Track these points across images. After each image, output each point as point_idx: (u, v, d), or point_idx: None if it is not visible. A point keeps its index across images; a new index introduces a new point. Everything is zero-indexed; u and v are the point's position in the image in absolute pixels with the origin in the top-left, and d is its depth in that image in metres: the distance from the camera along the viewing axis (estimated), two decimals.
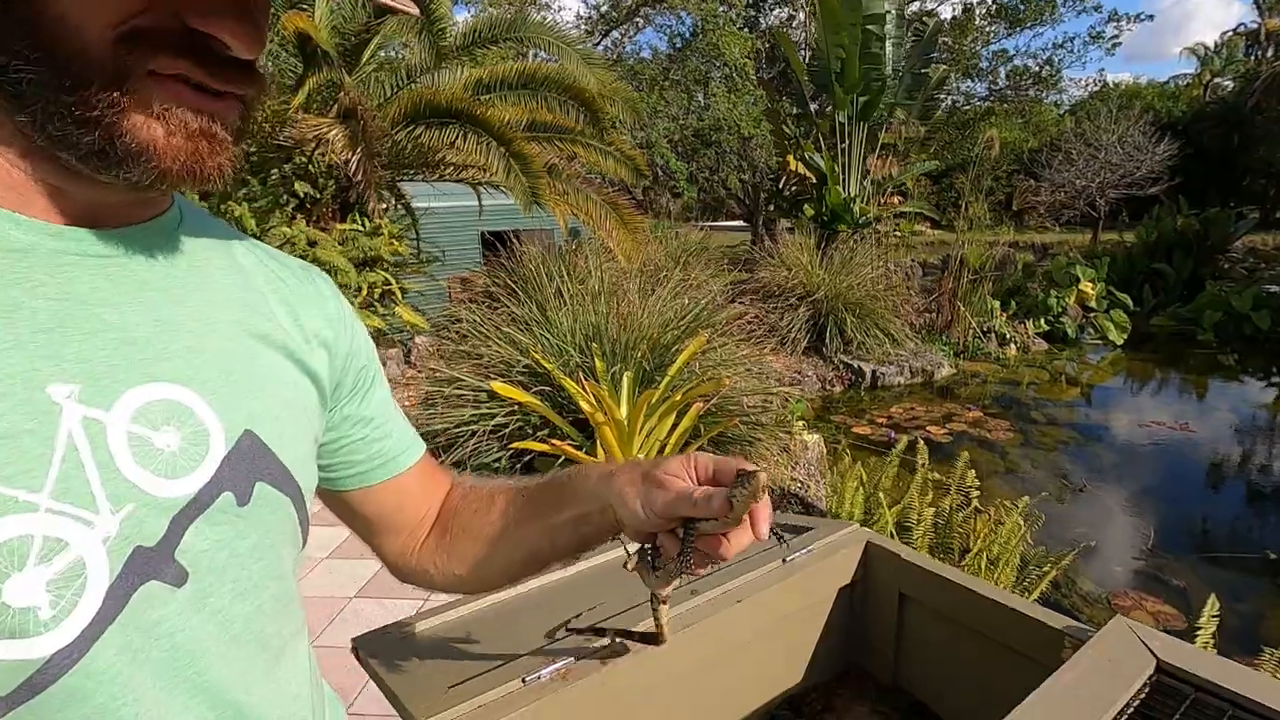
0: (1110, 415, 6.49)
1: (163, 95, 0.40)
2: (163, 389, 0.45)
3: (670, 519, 0.54)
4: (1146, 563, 3.78)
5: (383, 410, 0.65)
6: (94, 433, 0.42)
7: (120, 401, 0.43)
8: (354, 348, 0.61)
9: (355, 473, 0.63)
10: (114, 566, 0.42)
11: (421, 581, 0.71)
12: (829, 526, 1.09)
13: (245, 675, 0.50)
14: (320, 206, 5.95)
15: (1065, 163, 16.59)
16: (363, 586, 2.86)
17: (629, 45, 15.06)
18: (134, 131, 0.40)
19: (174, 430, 0.45)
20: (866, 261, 7.84)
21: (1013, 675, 0.91)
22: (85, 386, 0.42)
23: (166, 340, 0.47)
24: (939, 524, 2.87)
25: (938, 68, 10.87)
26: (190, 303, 0.49)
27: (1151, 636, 0.78)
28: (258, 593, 0.50)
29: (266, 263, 0.57)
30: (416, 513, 0.69)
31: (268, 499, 0.50)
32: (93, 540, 0.41)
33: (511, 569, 0.67)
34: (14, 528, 0.38)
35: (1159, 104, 24.03)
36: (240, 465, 0.48)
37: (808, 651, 1.06)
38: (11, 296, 0.41)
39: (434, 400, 3.81)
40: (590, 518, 0.61)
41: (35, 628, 0.39)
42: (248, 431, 0.49)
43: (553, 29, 6.77)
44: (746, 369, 4.26)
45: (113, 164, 0.41)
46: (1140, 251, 11.11)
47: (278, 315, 0.55)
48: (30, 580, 0.39)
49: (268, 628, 0.51)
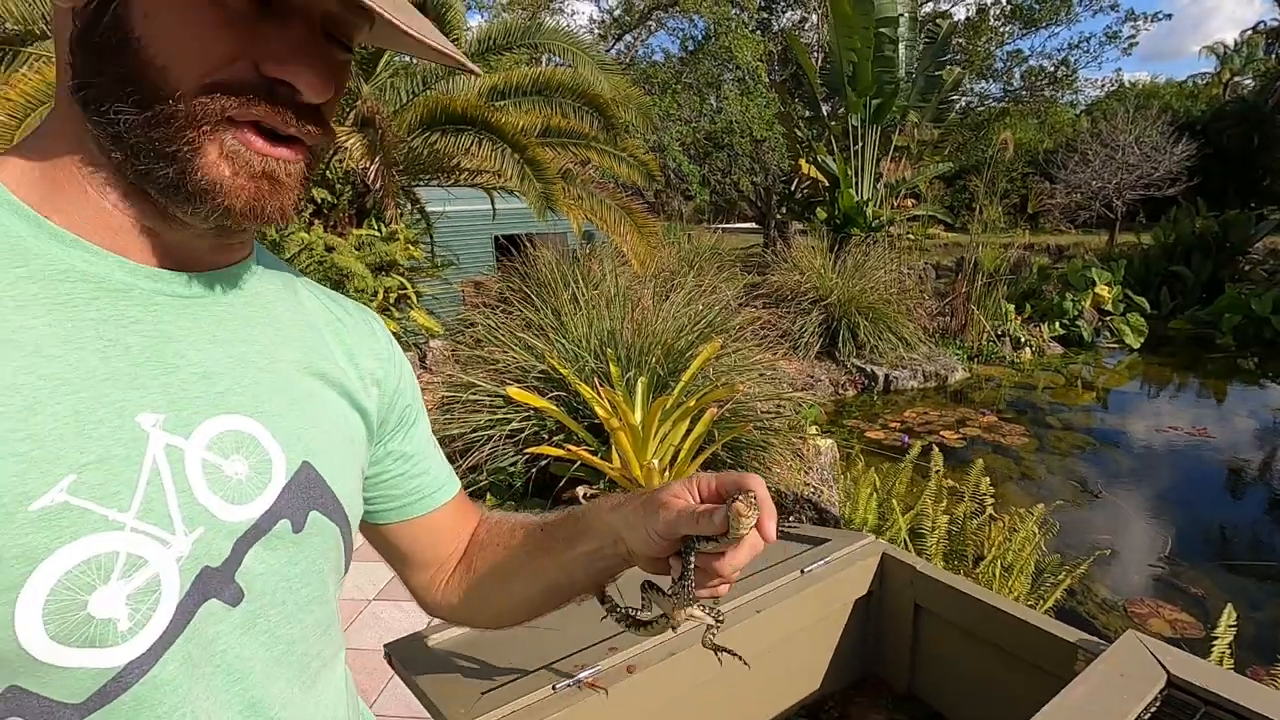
0: (1127, 420, 6.44)
1: (233, 138, 0.44)
2: (234, 420, 0.49)
3: (673, 539, 0.55)
4: (1164, 570, 3.76)
5: (423, 447, 0.68)
6: (174, 459, 0.45)
7: (198, 431, 0.47)
8: (401, 386, 0.64)
9: (393, 507, 0.66)
10: (184, 584, 0.45)
11: (447, 615, 0.73)
12: (845, 538, 1.11)
13: (284, 694, 0.52)
14: (337, 212, 6.03)
15: (1081, 164, 16.44)
16: (381, 589, 2.91)
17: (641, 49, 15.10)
18: (204, 169, 0.44)
19: (242, 459, 0.49)
20: (879, 265, 7.82)
21: (1026, 687, 0.93)
22: (169, 416, 0.46)
23: (238, 375, 0.50)
24: (953, 531, 2.87)
25: (951, 70, 10.81)
26: (260, 341, 0.53)
27: (1163, 650, 0.80)
28: (302, 616, 0.53)
29: (326, 304, 0.61)
30: (446, 549, 0.71)
31: (320, 527, 0.54)
32: (168, 559, 0.44)
33: (531, 603, 0.68)
34: (103, 544, 0.41)
35: (1177, 103, 23.75)
36: (297, 494, 0.52)
37: (824, 660, 1.08)
38: (111, 333, 0.45)
39: (450, 405, 3.86)
40: (603, 551, 0.62)
41: (114, 638, 0.42)
42: (305, 463, 0.53)
43: (567, 35, 6.81)
44: (760, 374, 4.28)
45: (185, 199, 0.44)
46: (1158, 254, 10.99)
47: (335, 354, 0.59)
48: (113, 593, 0.42)
49: (309, 650, 0.54)
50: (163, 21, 0.42)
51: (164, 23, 0.42)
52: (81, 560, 0.41)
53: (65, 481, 0.41)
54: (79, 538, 0.41)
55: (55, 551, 0.40)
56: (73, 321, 0.43)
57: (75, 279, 0.44)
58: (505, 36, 6.40)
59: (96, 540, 0.41)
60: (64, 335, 0.43)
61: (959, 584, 0.99)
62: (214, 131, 0.43)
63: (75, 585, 0.40)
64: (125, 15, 0.42)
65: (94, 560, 0.41)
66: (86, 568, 0.41)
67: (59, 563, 0.40)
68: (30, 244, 0.44)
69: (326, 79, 0.45)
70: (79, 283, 0.44)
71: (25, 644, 0.39)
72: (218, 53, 0.42)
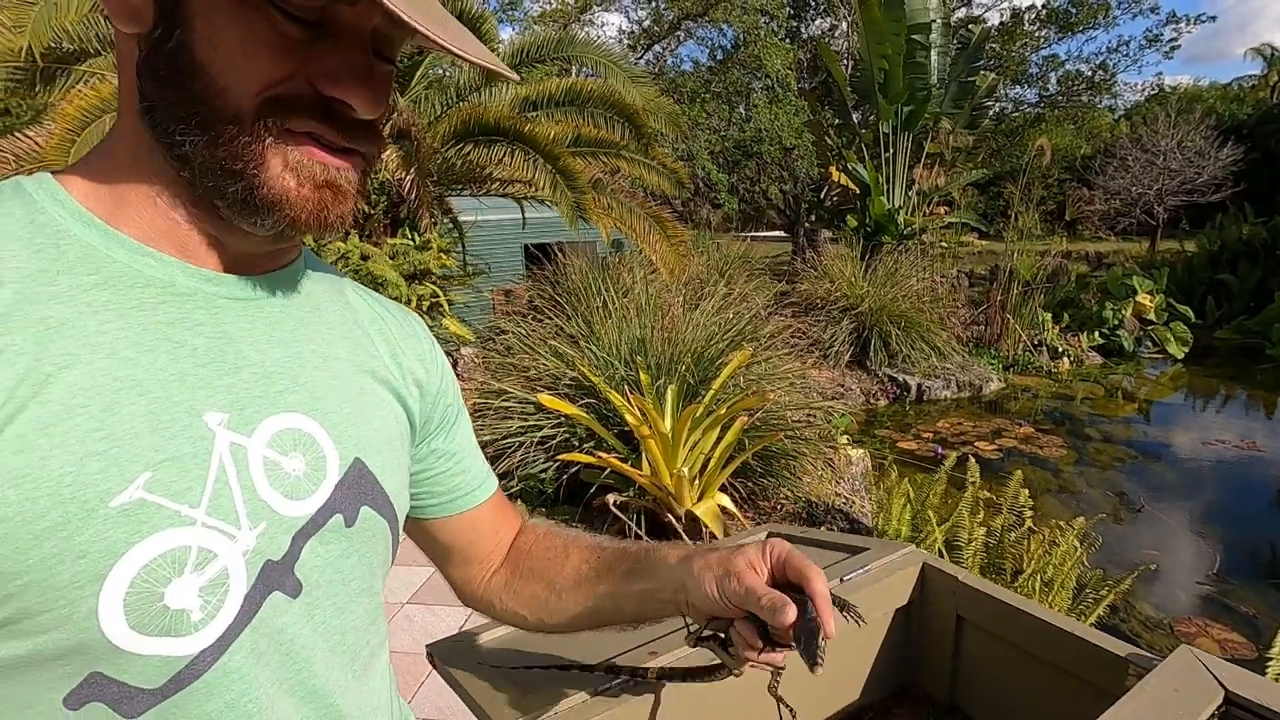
0: (1170, 432, 6.24)
1: (295, 150, 0.46)
2: (292, 419, 0.51)
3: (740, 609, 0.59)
4: (1212, 588, 3.63)
5: (464, 446, 0.70)
6: (238, 457, 0.47)
7: (259, 429, 0.49)
8: (443, 386, 0.66)
9: (436, 503, 0.68)
10: (250, 576, 0.47)
11: (485, 611, 0.75)
12: (884, 547, 1.10)
13: (340, 681, 0.54)
14: (373, 222, 6.16)
15: (1120, 169, 16.06)
16: (415, 593, 2.95)
17: (670, 59, 15.17)
18: (270, 182, 0.46)
19: (300, 456, 0.51)
20: (912, 273, 7.72)
21: (1074, 701, 0.91)
22: (232, 415, 0.48)
23: (295, 373, 0.52)
24: (990, 544, 2.81)
25: (985, 76, 10.67)
26: (313, 340, 0.55)
27: (1219, 666, 0.78)
28: (353, 607, 0.55)
29: (371, 305, 0.63)
30: (486, 546, 0.73)
31: (371, 522, 0.55)
32: (235, 552, 0.46)
33: (574, 621, 0.71)
34: (177, 539, 0.44)
35: (1221, 107, 23.07)
36: (350, 490, 0.54)
37: (864, 671, 1.07)
38: (179, 335, 0.47)
39: (482, 412, 3.91)
40: (661, 594, 0.64)
41: (187, 628, 0.44)
42: (357, 459, 0.54)
43: (598, 46, 6.89)
44: (790, 383, 4.25)
45: (253, 212, 0.46)
46: (1202, 261, 10.67)
47: (381, 353, 0.61)
48: (187, 586, 0.44)
49: (359, 640, 0.56)
50: (224, 47, 0.44)
51: (225, 48, 0.44)
52: (158, 554, 0.43)
53: (142, 479, 0.43)
54: (156, 532, 0.43)
55: (134, 546, 0.42)
56: (143, 325, 0.46)
57: (143, 284, 0.47)
58: (538, 49, 6.49)
59: (172, 535, 0.43)
60: (135, 338, 0.45)
61: (1003, 595, 0.97)
62: (276, 145, 0.45)
63: (152, 578, 0.43)
64: (189, 41, 0.44)
65: (169, 554, 0.43)
66: (163, 561, 0.43)
67: (138, 556, 0.42)
68: (101, 253, 0.46)
69: (379, 96, 0.47)
70: (147, 288, 0.47)
71: (108, 633, 0.42)
72: (276, 73, 0.44)
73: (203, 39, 0.44)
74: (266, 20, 0.43)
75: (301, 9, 0.44)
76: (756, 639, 0.58)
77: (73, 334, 0.43)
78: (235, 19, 0.43)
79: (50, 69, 4.50)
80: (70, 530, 0.40)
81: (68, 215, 0.46)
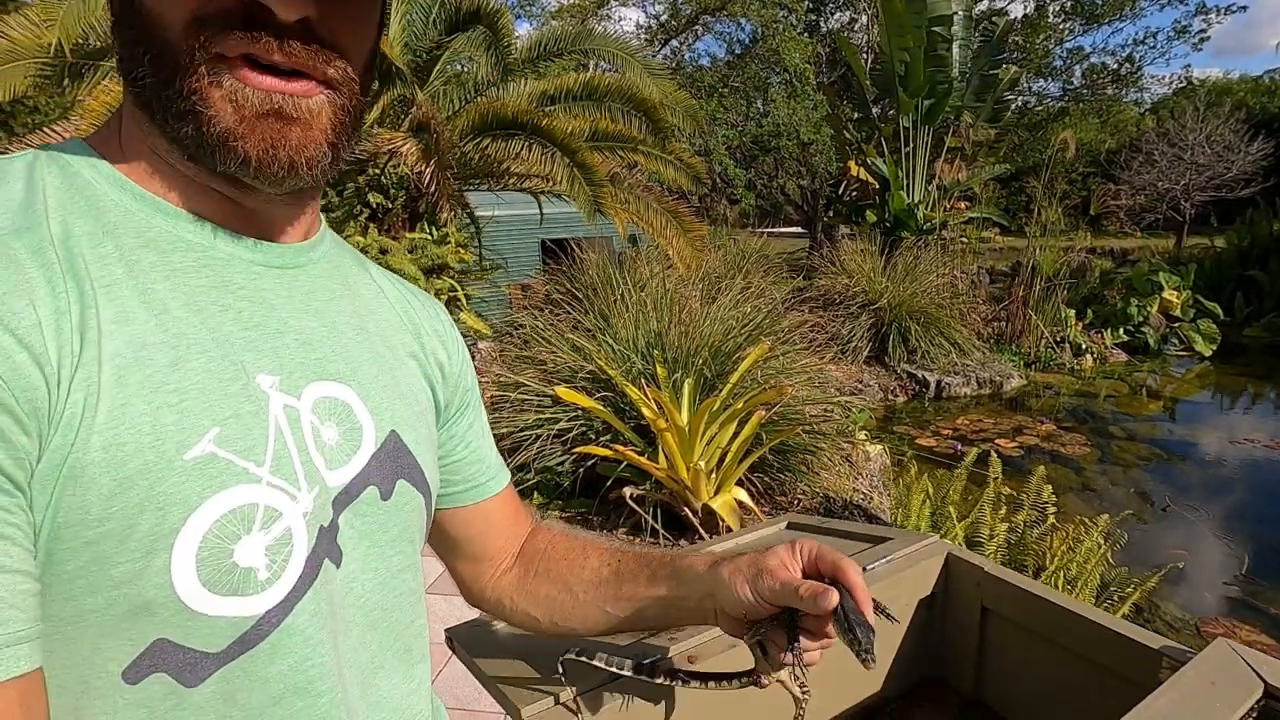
0: (1197, 431, 6.12)
1: (229, 78, 0.42)
2: (332, 387, 0.50)
3: (775, 606, 0.57)
4: (1240, 589, 3.55)
5: (479, 436, 0.69)
6: (292, 418, 0.47)
7: (305, 394, 0.48)
8: (463, 371, 0.66)
9: (450, 493, 0.67)
10: (310, 538, 0.46)
11: (494, 611, 0.73)
12: (907, 538, 1.09)
13: (376, 659, 0.53)
14: (391, 216, 6.20)
15: (1146, 164, 15.74)
16: (433, 582, 2.96)
17: (688, 53, 15.11)
18: (215, 117, 0.43)
19: (334, 425, 0.50)
20: (931, 268, 7.63)
21: (1105, 695, 0.89)
22: (282, 378, 0.47)
23: (333, 344, 0.52)
24: (1012, 540, 2.77)
25: (1008, 69, 10.50)
26: (346, 312, 0.54)
27: (1259, 660, 0.76)
28: (396, 584, 0.54)
29: (396, 285, 0.63)
30: (496, 542, 0.71)
31: (408, 496, 0.55)
32: (296, 513, 0.45)
33: (588, 625, 0.69)
34: (246, 495, 0.43)
35: (1252, 100, 22.54)
36: (386, 462, 0.53)
37: (885, 661, 1.05)
38: (224, 299, 0.47)
39: (499, 405, 3.92)
40: (686, 601, 0.63)
41: (254, 587, 0.43)
42: (393, 432, 0.54)
43: (615, 40, 6.88)
44: (808, 378, 4.22)
45: (209, 154, 0.44)
46: (1231, 257, 10.42)
47: (408, 331, 0.60)
48: (255, 543, 0.43)
49: (402, 618, 0.55)
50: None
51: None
52: (228, 510, 0.42)
53: (212, 433, 0.42)
54: (226, 488, 0.42)
55: (207, 501, 0.41)
56: (189, 287, 0.45)
57: (184, 249, 0.46)
58: (555, 43, 6.49)
59: (241, 491, 0.43)
60: (185, 300, 0.44)
61: (1030, 586, 0.95)
62: (212, 75, 0.42)
63: (223, 534, 0.42)
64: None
65: (239, 510, 0.42)
66: (233, 517, 0.42)
67: (210, 511, 0.41)
68: (141, 217, 0.45)
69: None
70: (188, 252, 0.46)
71: (180, 590, 0.40)
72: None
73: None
74: None
75: None
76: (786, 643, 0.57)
77: (126, 291, 0.42)
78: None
79: (79, 65, 4.57)
80: (151, 480, 0.39)
81: (104, 179, 0.45)
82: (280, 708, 0.46)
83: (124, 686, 0.41)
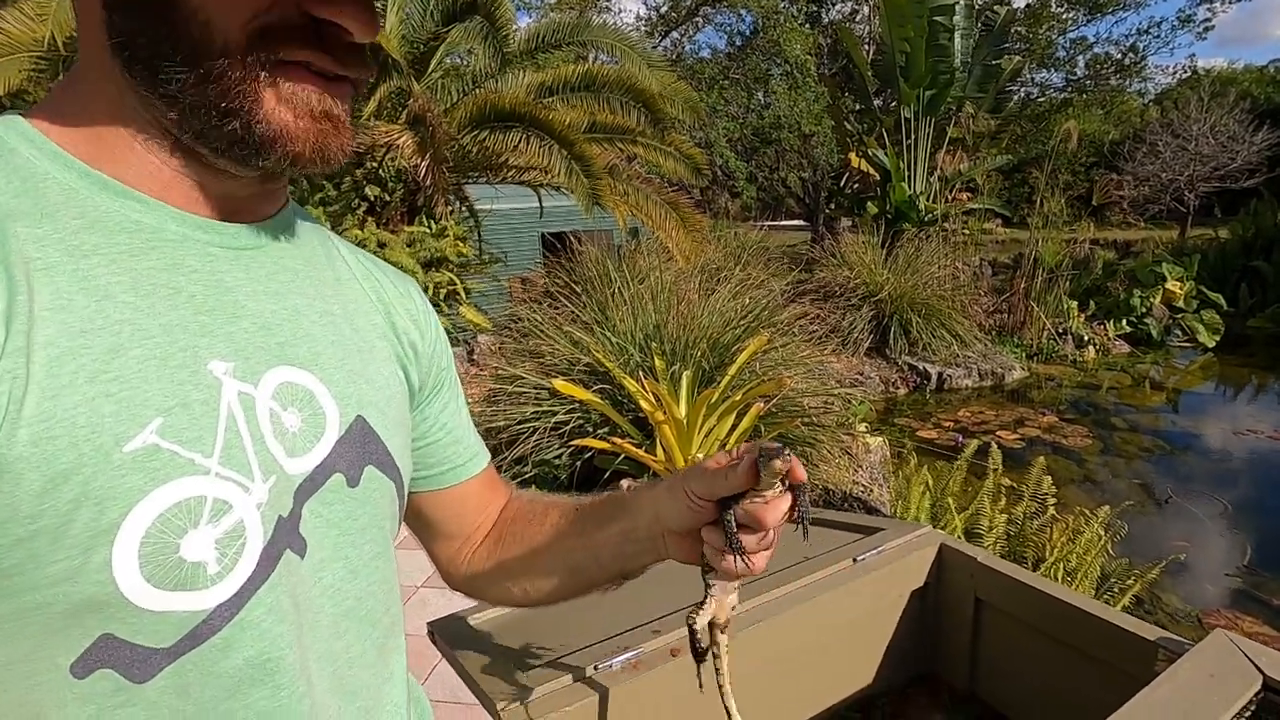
0: (1200, 422, 6.08)
1: (289, 81, 0.43)
2: (292, 372, 0.49)
3: (711, 499, 0.54)
4: (1242, 580, 3.53)
5: (456, 416, 0.67)
6: (246, 406, 0.45)
7: (263, 380, 0.47)
8: (436, 351, 0.63)
9: (426, 475, 0.65)
10: (266, 531, 0.45)
11: (472, 592, 0.71)
12: (900, 528, 1.07)
13: (351, 649, 0.52)
14: (389, 209, 6.18)
15: (1150, 155, 15.63)
16: (429, 576, 2.95)
17: (688, 45, 15.03)
18: (268, 117, 0.43)
19: (296, 412, 0.48)
20: (933, 260, 7.58)
21: (1100, 687, 0.87)
22: (238, 364, 0.46)
23: (293, 327, 0.50)
24: (1011, 532, 2.75)
25: (1010, 59, 10.43)
26: (308, 294, 0.52)
27: (1257, 651, 0.74)
28: (369, 572, 0.53)
29: (364, 263, 0.60)
30: (473, 521, 0.70)
31: (376, 482, 0.53)
32: (249, 505, 0.44)
33: (556, 585, 0.67)
34: (192, 487, 0.41)
35: (1257, 90, 22.34)
36: (352, 448, 0.51)
37: (878, 654, 1.04)
38: (174, 280, 0.45)
39: (497, 397, 3.90)
40: (637, 531, 0.60)
41: (203, 581, 0.42)
42: (359, 417, 0.52)
43: (614, 31, 6.83)
44: (807, 369, 4.19)
45: (251, 151, 0.44)
46: (1235, 248, 10.35)
47: (378, 312, 0.58)
48: (203, 537, 0.42)
49: (376, 606, 0.54)
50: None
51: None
52: (173, 503, 0.41)
53: (154, 424, 0.40)
54: (170, 480, 0.41)
55: (149, 494, 0.40)
56: (136, 270, 0.43)
57: (132, 230, 0.44)
58: (554, 34, 6.45)
59: (186, 484, 0.41)
60: (131, 283, 0.42)
61: (1024, 577, 0.93)
62: (271, 77, 0.43)
63: (168, 529, 0.40)
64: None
65: (184, 504, 0.41)
66: (178, 511, 0.41)
67: (152, 505, 0.40)
68: (84, 196, 0.43)
69: (372, 16, 0.44)
70: (136, 233, 0.44)
71: (122, 586, 0.39)
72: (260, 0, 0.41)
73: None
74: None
75: None
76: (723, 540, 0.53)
77: (63, 276, 0.40)
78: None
79: (73, 58, 4.54)
80: (87, 475, 0.38)
81: (43, 156, 0.43)
82: (236, 700, 0.44)
83: (72, 680, 0.40)
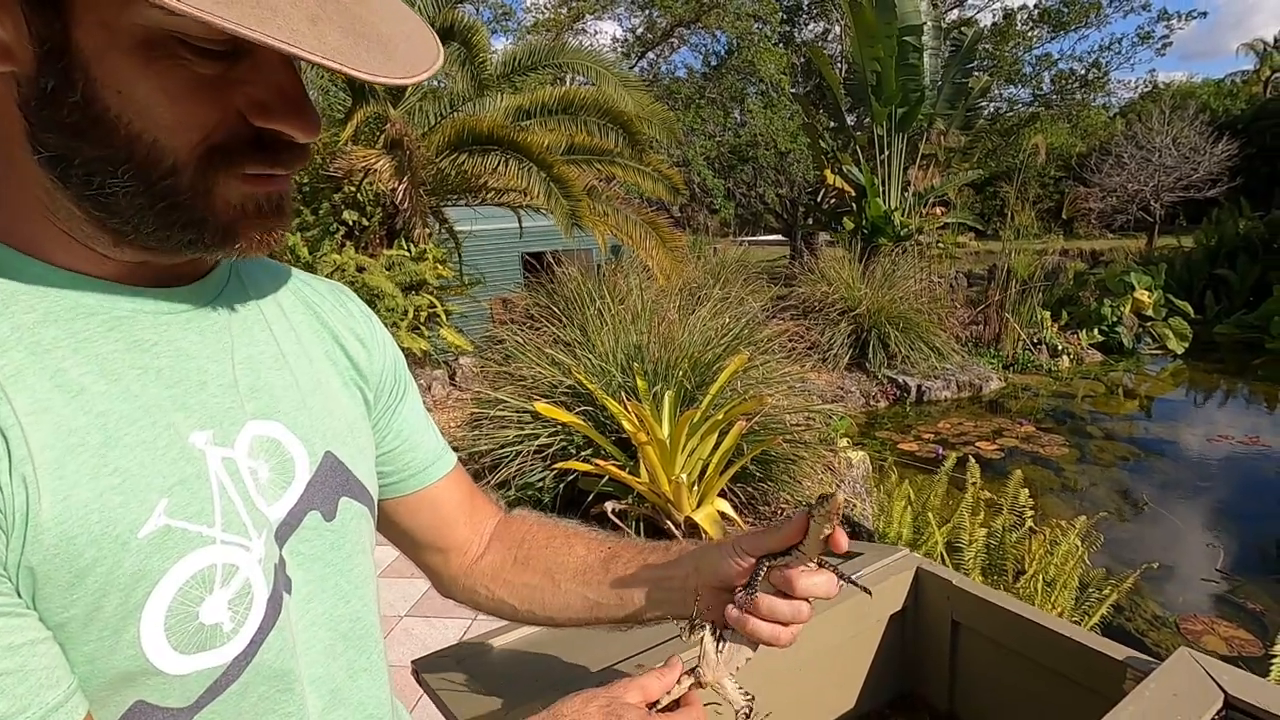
0: (1173, 429, 6.21)
1: (238, 186, 0.44)
2: (260, 425, 0.51)
3: (756, 555, 0.59)
4: (1218, 585, 3.60)
5: (414, 421, 0.67)
6: (231, 470, 0.48)
7: (238, 441, 0.49)
8: (385, 362, 0.64)
9: (390, 483, 0.66)
10: (267, 581, 0.48)
11: (468, 601, 0.73)
12: (878, 552, 1.08)
13: (356, 663, 0.56)
14: (368, 233, 6.16)
15: (1116, 167, 16.08)
16: (413, 605, 2.92)
17: (664, 65, 15.23)
18: (218, 220, 0.44)
19: (265, 461, 0.50)
20: (909, 274, 7.71)
21: (1074, 707, 0.89)
22: (215, 431, 0.48)
23: (252, 380, 0.51)
24: (991, 545, 2.78)
25: (979, 77, 10.70)
26: (260, 341, 0.54)
27: (1219, 669, 0.76)
28: (360, 594, 0.56)
29: (301, 289, 0.61)
30: (456, 530, 0.70)
31: (352, 510, 0.56)
32: (252, 562, 0.47)
33: (568, 614, 0.69)
34: (204, 559, 0.45)
35: (1215, 103, 23.11)
36: (326, 484, 0.54)
37: (859, 679, 1.05)
38: (140, 360, 0.46)
39: (479, 421, 3.89)
40: (672, 581, 0.64)
41: (220, 640, 0.46)
42: (328, 453, 0.54)
43: (590, 54, 6.91)
44: (789, 386, 4.23)
45: (200, 247, 0.45)
46: (1201, 257, 10.65)
47: (323, 338, 0.59)
48: (217, 601, 0.45)
49: (371, 623, 0.58)
50: (137, 98, 0.39)
51: (139, 99, 0.39)
52: (189, 576, 0.44)
53: (161, 505, 0.43)
54: (185, 555, 0.44)
55: (167, 571, 0.43)
56: (101, 356, 0.44)
57: (86, 314, 0.44)
58: (530, 57, 6.51)
59: (199, 556, 0.45)
60: (99, 371, 0.43)
61: (997, 599, 0.95)
62: (221, 186, 0.43)
63: (188, 599, 0.44)
64: (94, 94, 0.39)
65: (199, 574, 0.44)
66: (194, 582, 0.44)
67: (172, 581, 0.43)
68: (29, 287, 0.43)
69: (315, 118, 0.44)
70: (91, 317, 0.44)
71: (152, 658, 0.43)
72: (205, 119, 0.41)
73: (108, 89, 0.39)
74: (175, 62, 0.39)
75: (210, 41, 0.39)
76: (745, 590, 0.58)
77: (34, 379, 0.40)
78: (141, 66, 0.39)
79: None
80: (109, 565, 0.41)
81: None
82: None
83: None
